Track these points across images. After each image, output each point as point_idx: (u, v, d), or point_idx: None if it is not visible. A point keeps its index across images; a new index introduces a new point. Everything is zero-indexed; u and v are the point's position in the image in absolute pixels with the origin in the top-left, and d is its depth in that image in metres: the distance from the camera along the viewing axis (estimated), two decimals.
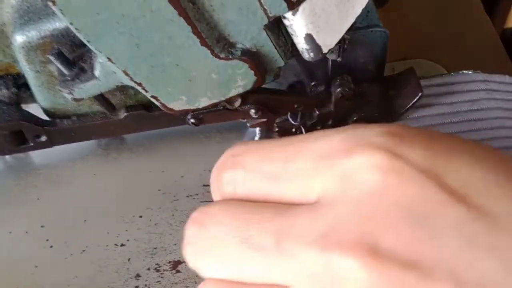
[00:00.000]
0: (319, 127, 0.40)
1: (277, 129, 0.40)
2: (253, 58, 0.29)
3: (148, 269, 0.37)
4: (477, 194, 0.18)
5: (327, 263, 0.18)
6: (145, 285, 0.36)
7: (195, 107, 0.32)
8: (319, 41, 0.29)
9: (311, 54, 0.29)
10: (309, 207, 0.20)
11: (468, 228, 0.18)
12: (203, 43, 0.28)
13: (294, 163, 0.20)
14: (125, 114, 0.37)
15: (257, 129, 0.41)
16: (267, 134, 0.41)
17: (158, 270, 0.37)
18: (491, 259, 0.17)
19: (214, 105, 0.32)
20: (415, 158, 0.19)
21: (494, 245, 0.18)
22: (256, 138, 0.41)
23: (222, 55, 0.29)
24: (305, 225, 0.19)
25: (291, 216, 0.20)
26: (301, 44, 0.29)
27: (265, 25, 0.28)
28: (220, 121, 0.39)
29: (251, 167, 0.21)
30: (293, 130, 0.40)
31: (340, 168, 0.19)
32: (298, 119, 0.39)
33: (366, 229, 0.18)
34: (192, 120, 0.36)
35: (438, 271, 0.17)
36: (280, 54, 0.30)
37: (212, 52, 0.28)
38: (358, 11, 0.30)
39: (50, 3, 0.25)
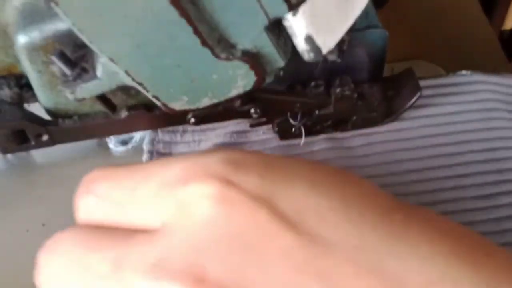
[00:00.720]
0: (318, 127, 0.41)
1: (277, 129, 0.41)
2: (253, 58, 0.30)
3: None
4: (310, 220, 0.18)
5: None
6: None
7: (195, 107, 0.32)
8: (319, 42, 0.29)
9: (311, 55, 0.30)
10: (148, 235, 0.19)
11: (298, 255, 0.18)
12: (204, 43, 0.28)
13: (140, 190, 0.20)
14: (126, 113, 0.37)
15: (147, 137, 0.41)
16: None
17: None
18: (320, 285, 0.17)
19: (215, 105, 0.33)
20: (248, 186, 0.19)
21: (323, 271, 0.18)
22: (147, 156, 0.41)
23: (223, 56, 0.29)
24: (141, 253, 0.19)
25: (130, 244, 0.19)
26: (301, 45, 0.29)
27: (266, 27, 0.28)
28: (220, 121, 0.40)
29: (102, 194, 0.21)
30: (293, 130, 0.40)
31: (178, 197, 0.19)
32: (298, 120, 0.40)
33: (195, 259, 0.18)
34: (192, 120, 0.36)
35: None
36: (280, 55, 0.30)
37: (213, 52, 0.29)
38: (357, 12, 0.30)
39: (53, 4, 0.26)
